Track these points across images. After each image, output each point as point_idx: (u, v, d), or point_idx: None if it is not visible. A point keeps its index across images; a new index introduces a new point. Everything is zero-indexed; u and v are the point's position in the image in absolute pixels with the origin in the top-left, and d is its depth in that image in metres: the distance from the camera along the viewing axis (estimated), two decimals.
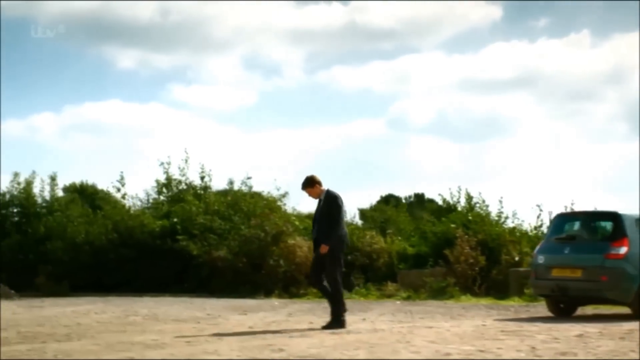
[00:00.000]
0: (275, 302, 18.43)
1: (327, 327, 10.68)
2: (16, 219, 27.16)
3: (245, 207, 24.22)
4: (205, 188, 26.23)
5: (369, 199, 27.70)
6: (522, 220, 22.82)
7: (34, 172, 27.79)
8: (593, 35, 64.17)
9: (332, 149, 60.73)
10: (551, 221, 15.44)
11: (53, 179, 27.60)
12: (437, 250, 21.34)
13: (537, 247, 13.81)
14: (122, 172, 26.72)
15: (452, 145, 68.21)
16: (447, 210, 24.62)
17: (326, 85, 64.33)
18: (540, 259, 13.36)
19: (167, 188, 26.61)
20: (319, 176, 11.18)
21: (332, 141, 62.48)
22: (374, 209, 31.59)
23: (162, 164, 26.47)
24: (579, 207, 18.30)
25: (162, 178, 26.59)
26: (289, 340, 8.94)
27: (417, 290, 19.56)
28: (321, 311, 14.72)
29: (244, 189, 25.81)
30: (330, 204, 10.79)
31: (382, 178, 57.87)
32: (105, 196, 29.89)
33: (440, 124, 66.06)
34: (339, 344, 8.45)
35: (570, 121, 66.34)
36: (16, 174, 27.45)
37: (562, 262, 13.03)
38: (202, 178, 26.36)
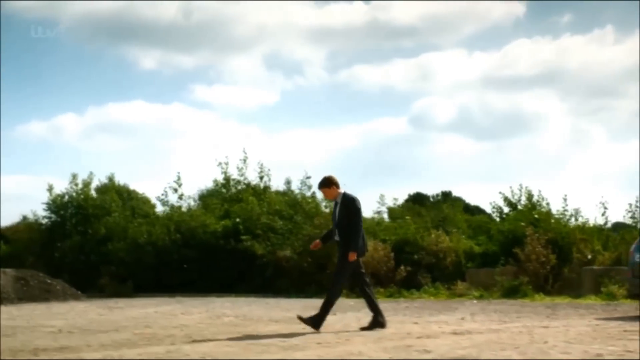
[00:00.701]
0: (350, 302, 18.36)
1: (307, 321, 10.49)
2: (74, 220, 27.31)
3: (306, 206, 24.20)
4: (265, 188, 26.23)
5: (393, 197, 27.35)
6: (587, 218, 22.70)
7: (91, 173, 27.96)
8: (617, 32, 63.72)
9: (354, 148, 60.65)
10: None
11: (111, 179, 27.74)
12: (506, 248, 21.22)
13: (634, 245, 13.62)
14: (178, 173, 26.80)
15: (475, 143, 67.87)
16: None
17: (348, 84, 64.21)
18: (638, 257, 13.18)
19: (225, 188, 26.65)
20: (338, 177, 10.81)
21: (354, 140, 62.40)
22: (404, 207, 31.18)
23: (220, 164, 26.53)
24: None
25: (220, 178, 26.67)
26: (421, 341, 8.87)
27: (487, 289, 19.46)
28: (408, 310, 14.69)
29: (304, 189, 25.78)
30: (348, 208, 10.52)
31: (404, 176, 57.63)
32: (139, 196, 29.90)
33: (462, 122, 65.66)
34: (479, 344, 8.37)
35: (593, 118, 65.84)
36: (74, 176, 27.64)
37: None
38: (262, 178, 26.37)
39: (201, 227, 24.41)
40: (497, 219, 25.07)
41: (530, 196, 24.52)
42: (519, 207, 24.67)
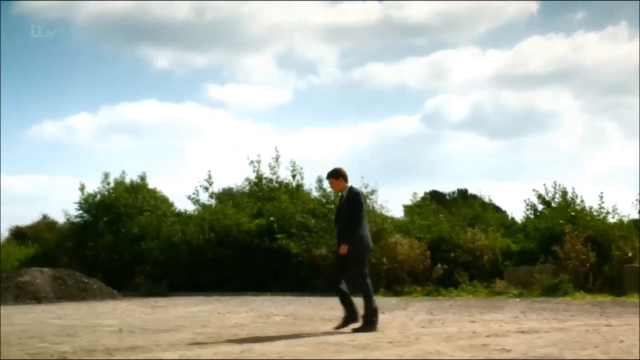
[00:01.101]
0: (392, 300, 18.32)
1: (360, 329, 10.18)
2: (107, 219, 27.37)
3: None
4: (298, 186, 26.21)
5: (408, 195, 27.35)
6: (623, 215, 22.55)
7: (123, 172, 28.02)
8: (631, 28, 63.18)
9: (368, 146, 60.55)
10: None
11: (143, 179, 27.79)
12: (544, 246, 21.13)
13: None
14: (209, 171, 26.80)
15: (489, 141, 67.63)
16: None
17: (361, 82, 64.17)
18: None
19: (258, 186, 26.64)
20: (351, 175, 10.77)
21: (367, 138, 62.28)
22: (420, 205, 30.97)
23: (252, 162, 26.52)
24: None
25: (253, 176, 26.64)
26: (493, 340, 8.81)
27: (526, 287, 19.35)
28: (455, 309, 14.61)
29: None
30: (350, 201, 10.43)
31: (418, 174, 57.51)
32: (157, 195, 29.87)
33: (476, 120, 65.47)
34: (555, 343, 8.30)
35: (608, 115, 65.46)
36: (106, 175, 27.70)
37: None
38: (294, 176, 26.35)
39: (235, 226, 24.41)
40: (532, 217, 24.97)
41: (564, 194, 24.45)
42: (553, 204, 24.60)
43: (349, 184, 10.67)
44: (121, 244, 26.07)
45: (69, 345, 9.08)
